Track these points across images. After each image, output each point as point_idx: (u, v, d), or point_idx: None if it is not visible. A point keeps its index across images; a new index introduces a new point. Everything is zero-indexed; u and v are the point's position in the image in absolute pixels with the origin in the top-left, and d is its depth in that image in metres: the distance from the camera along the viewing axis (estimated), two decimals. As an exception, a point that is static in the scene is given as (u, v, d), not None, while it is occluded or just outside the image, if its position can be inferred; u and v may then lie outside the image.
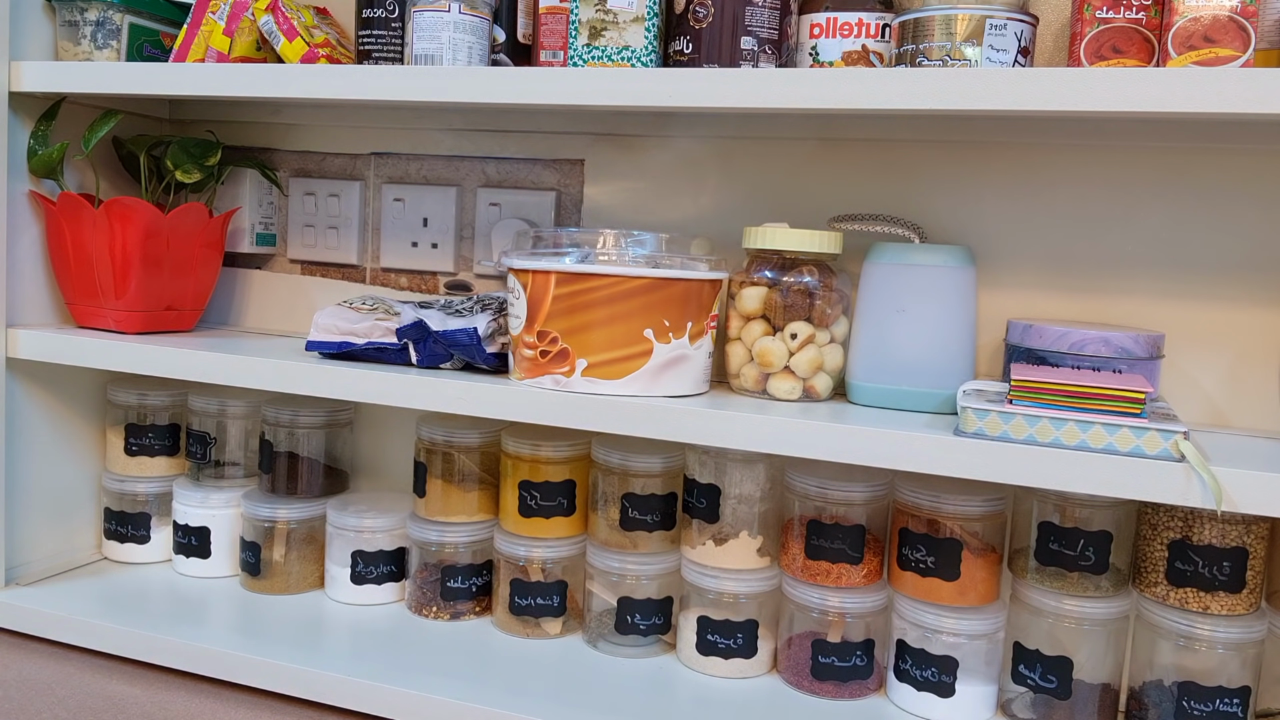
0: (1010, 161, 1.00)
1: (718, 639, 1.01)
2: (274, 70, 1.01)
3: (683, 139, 1.11)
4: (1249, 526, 0.84)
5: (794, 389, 0.93)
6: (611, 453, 1.04)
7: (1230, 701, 0.85)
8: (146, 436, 1.23)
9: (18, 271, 1.13)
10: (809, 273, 0.93)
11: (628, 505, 1.03)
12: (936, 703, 0.93)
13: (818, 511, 0.97)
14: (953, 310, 0.91)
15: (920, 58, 0.87)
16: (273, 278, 1.30)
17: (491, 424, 1.12)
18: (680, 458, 1.04)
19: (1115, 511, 0.89)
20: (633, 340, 0.90)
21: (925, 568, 0.93)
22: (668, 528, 1.04)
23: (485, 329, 0.98)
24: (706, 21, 0.93)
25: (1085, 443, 0.77)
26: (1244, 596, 0.85)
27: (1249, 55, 0.78)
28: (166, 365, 1.05)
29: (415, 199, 1.22)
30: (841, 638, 0.97)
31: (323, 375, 0.98)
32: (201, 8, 1.10)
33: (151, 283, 1.13)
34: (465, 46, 0.97)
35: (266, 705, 0.99)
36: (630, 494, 1.03)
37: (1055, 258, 0.99)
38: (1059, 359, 0.87)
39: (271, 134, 1.29)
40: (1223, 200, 0.94)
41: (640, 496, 1.03)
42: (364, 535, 1.14)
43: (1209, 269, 0.95)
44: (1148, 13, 0.84)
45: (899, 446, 0.82)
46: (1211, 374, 0.95)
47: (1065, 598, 0.89)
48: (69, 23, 1.13)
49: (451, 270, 1.21)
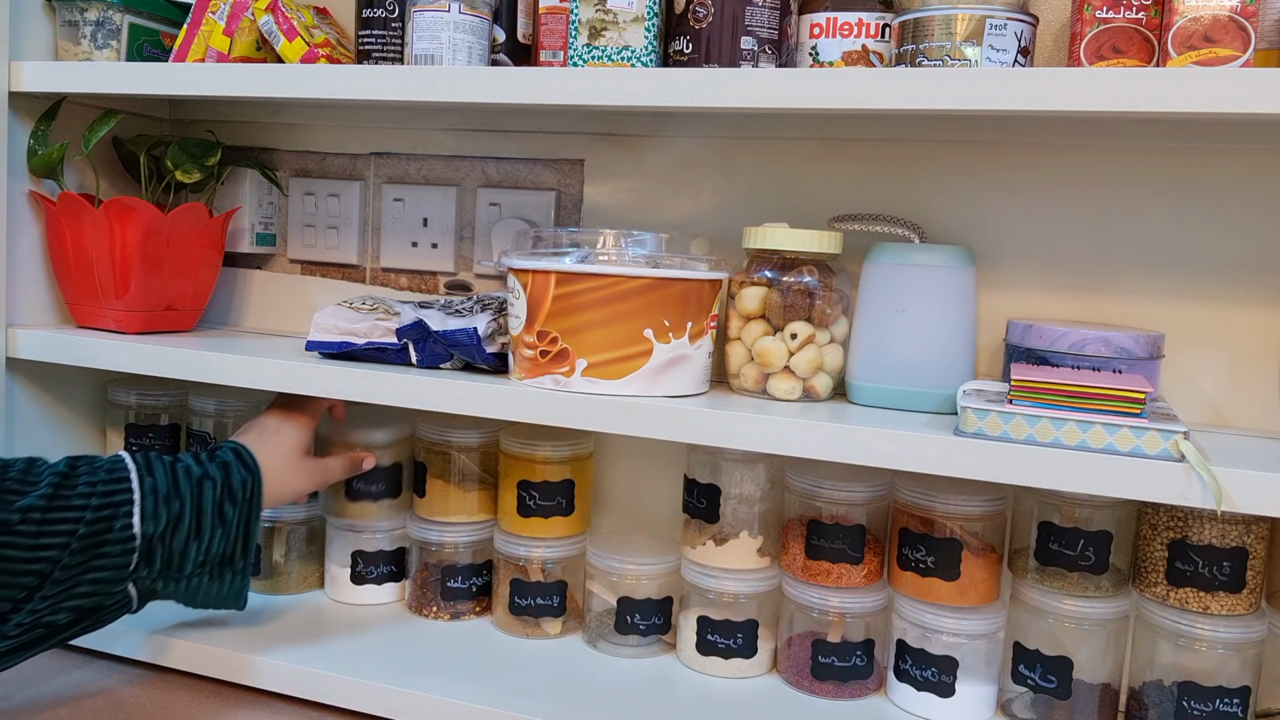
0: (1010, 161, 1.00)
1: (718, 639, 1.01)
2: (274, 70, 1.01)
3: (683, 139, 1.11)
4: (1249, 526, 0.84)
5: (794, 389, 0.93)
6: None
7: (1230, 701, 0.85)
8: (147, 437, 1.23)
9: (18, 271, 1.13)
10: (809, 273, 0.93)
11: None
12: (936, 703, 0.93)
13: (818, 511, 0.97)
14: (953, 310, 0.91)
15: (920, 58, 0.87)
16: (273, 278, 1.30)
17: (491, 424, 1.12)
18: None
19: (1115, 511, 0.89)
20: (633, 340, 0.90)
21: (925, 568, 0.93)
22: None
23: (485, 329, 0.98)
24: (706, 21, 0.93)
25: (1085, 443, 0.77)
26: (1244, 596, 0.85)
27: (1249, 55, 0.78)
28: (166, 365, 1.05)
29: (415, 199, 1.22)
30: (841, 638, 0.97)
31: (323, 375, 0.98)
32: (201, 8, 1.10)
33: (151, 283, 1.13)
34: (465, 46, 0.97)
35: (266, 705, 0.99)
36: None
37: (1055, 258, 0.99)
38: (1059, 359, 0.87)
39: (271, 134, 1.29)
40: (1223, 200, 0.94)
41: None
42: (364, 535, 1.14)
43: (1209, 269, 0.95)
44: (1148, 13, 0.84)
45: (899, 446, 0.82)
46: (1211, 374, 0.95)
47: (1065, 598, 0.89)
48: (69, 23, 1.13)
49: (451, 270, 1.21)
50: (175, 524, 0.87)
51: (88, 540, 0.82)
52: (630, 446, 1.16)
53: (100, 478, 0.85)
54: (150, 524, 0.85)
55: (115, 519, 0.84)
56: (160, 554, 0.86)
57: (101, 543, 0.83)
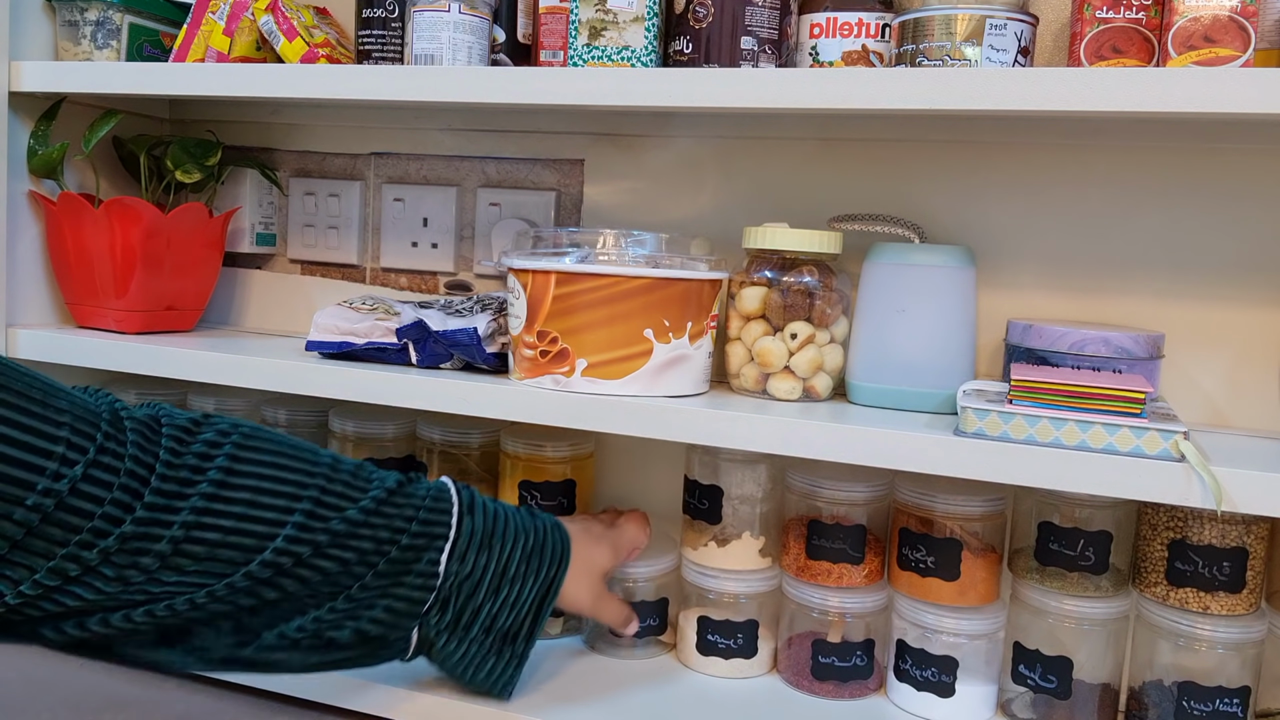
0: (1010, 161, 1.00)
1: (718, 639, 1.01)
2: (274, 70, 1.01)
3: (683, 139, 1.11)
4: (1249, 526, 0.84)
5: (794, 389, 0.93)
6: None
7: (1230, 701, 0.85)
8: (146, 436, 1.23)
9: (18, 271, 1.13)
10: (809, 273, 0.93)
11: None
12: (936, 703, 0.93)
13: (818, 511, 0.97)
14: (953, 310, 0.91)
15: (920, 58, 0.87)
16: (273, 278, 1.30)
17: (491, 424, 1.12)
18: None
19: (1115, 511, 0.89)
20: (633, 340, 0.90)
21: (925, 568, 0.93)
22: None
23: (485, 329, 0.98)
24: (706, 21, 0.93)
25: (1085, 443, 0.77)
26: (1244, 596, 0.85)
27: (1249, 55, 0.78)
28: (166, 365, 1.05)
29: (415, 199, 1.22)
30: (842, 638, 0.97)
31: (323, 375, 0.98)
32: (201, 8, 1.10)
33: (152, 283, 1.13)
34: (465, 46, 0.97)
35: (266, 705, 0.99)
36: (370, 459, 1.08)
37: (1055, 258, 0.99)
38: (1059, 359, 0.87)
39: (271, 134, 1.29)
40: (1223, 200, 0.94)
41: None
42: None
43: (1209, 269, 0.95)
44: (1148, 13, 0.84)
45: (899, 446, 0.82)
46: (1211, 374, 0.95)
47: (1065, 598, 0.89)
48: (69, 22, 1.13)
49: (451, 270, 1.21)
50: (481, 575, 0.82)
51: (396, 564, 0.78)
52: (630, 446, 1.16)
53: (425, 504, 0.80)
54: (455, 564, 0.81)
55: (427, 550, 0.79)
56: (454, 602, 0.82)
57: (406, 570, 0.79)
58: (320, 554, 0.74)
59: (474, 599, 0.82)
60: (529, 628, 0.86)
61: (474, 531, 0.82)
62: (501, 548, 0.84)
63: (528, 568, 0.85)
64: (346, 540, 0.76)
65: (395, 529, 0.78)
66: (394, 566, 0.78)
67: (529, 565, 0.85)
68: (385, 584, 0.78)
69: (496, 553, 0.83)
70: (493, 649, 0.86)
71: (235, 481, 0.72)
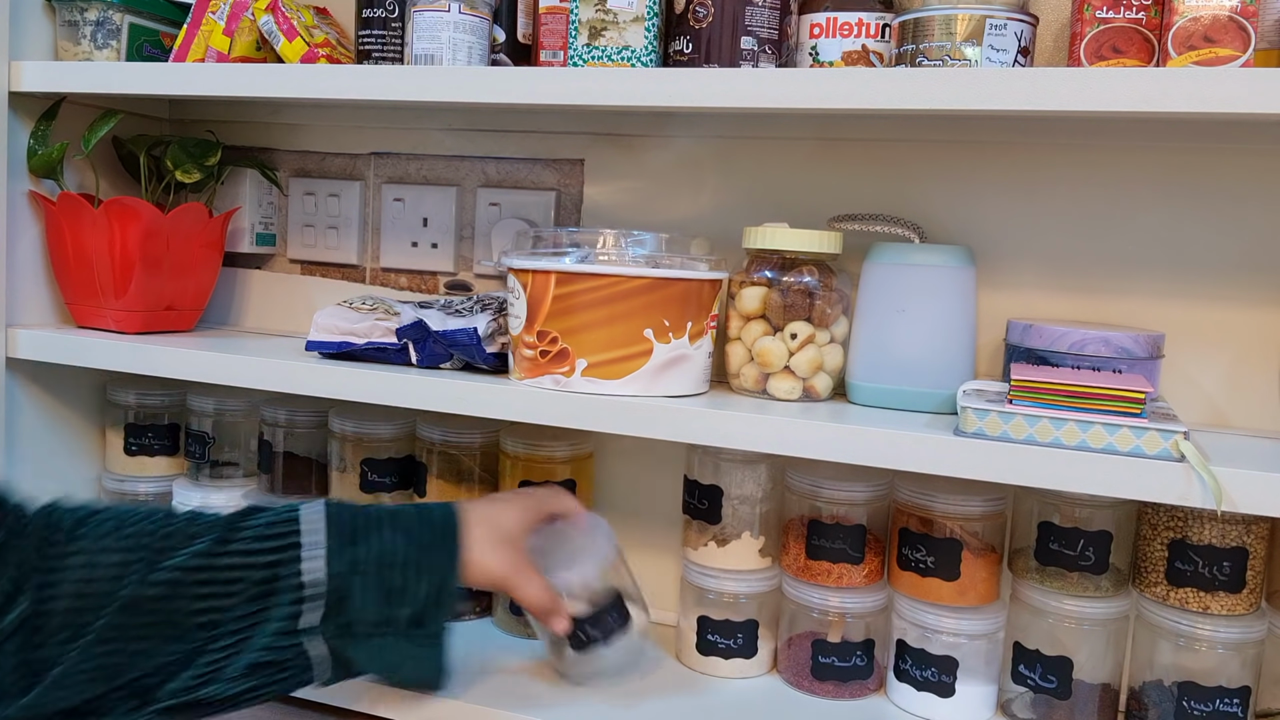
0: (1010, 161, 1.00)
1: (718, 639, 1.00)
2: (274, 70, 1.01)
3: (683, 139, 1.10)
4: (1249, 526, 0.84)
5: (794, 389, 0.93)
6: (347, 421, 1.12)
7: (1230, 701, 0.85)
8: (146, 436, 1.23)
9: (18, 271, 1.13)
10: (809, 273, 0.93)
11: (366, 469, 1.12)
12: (936, 703, 0.93)
13: (818, 511, 0.97)
14: (953, 310, 0.91)
15: (920, 58, 0.87)
16: (273, 278, 1.30)
17: (491, 424, 1.12)
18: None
19: (1115, 511, 0.89)
20: (632, 340, 0.90)
21: (925, 568, 0.93)
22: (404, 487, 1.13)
23: (485, 329, 0.98)
24: (706, 21, 0.93)
25: (1085, 443, 0.77)
26: (1244, 596, 0.85)
27: (1249, 55, 0.78)
28: (166, 365, 1.05)
29: (415, 199, 1.22)
30: (841, 638, 0.97)
31: (323, 375, 0.98)
32: (201, 8, 1.10)
33: (151, 283, 1.12)
34: (465, 46, 0.97)
35: (266, 705, 0.99)
36: (369, 459, 1.13)
37: (1055, 258, 0.99)
38: (1059, 359, 0.87)
39: (271, 134, 1.29)
40: (1223, 200, 0.94)
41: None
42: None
43: (1209, 269, 0.95)
44: (1148, 13, 0.84)
45: (899, 446, 0.82)
46: (1211, 374, 0.95)
47: (1065, 598, 0.89)
48: (69, 22, 1.13)
49: (451, 270, 1.21)
50: (358, 571, 0.78)
51: (260, 587, 0.76)
52: (630, 446, 1.16)
53: (266, 525, 0.78)
54: (321, 572, 0.77)
55: (284, 564, 0.77)
56: (340, 606, 0.78)
57: (271, 591, 0.76)
58: (178, 592, 0.74)
59: (359, 597, 0.79)
60: (435, 609, 0.81)
61: (339, 534, 0.79)
62: (379, 537, 0.80)
63: (413, 546, 0.81)
64: (200, 573, 0.75)
65: (248, 551, 0.76)
66: (259, 589, 0.76)
67: (413, 544, 0.81)
68: (256, 609, 0.76)
69: (373, 545, 0.79)
70: (406, 640, 0.81)
71: (74, 548, 0.74)
